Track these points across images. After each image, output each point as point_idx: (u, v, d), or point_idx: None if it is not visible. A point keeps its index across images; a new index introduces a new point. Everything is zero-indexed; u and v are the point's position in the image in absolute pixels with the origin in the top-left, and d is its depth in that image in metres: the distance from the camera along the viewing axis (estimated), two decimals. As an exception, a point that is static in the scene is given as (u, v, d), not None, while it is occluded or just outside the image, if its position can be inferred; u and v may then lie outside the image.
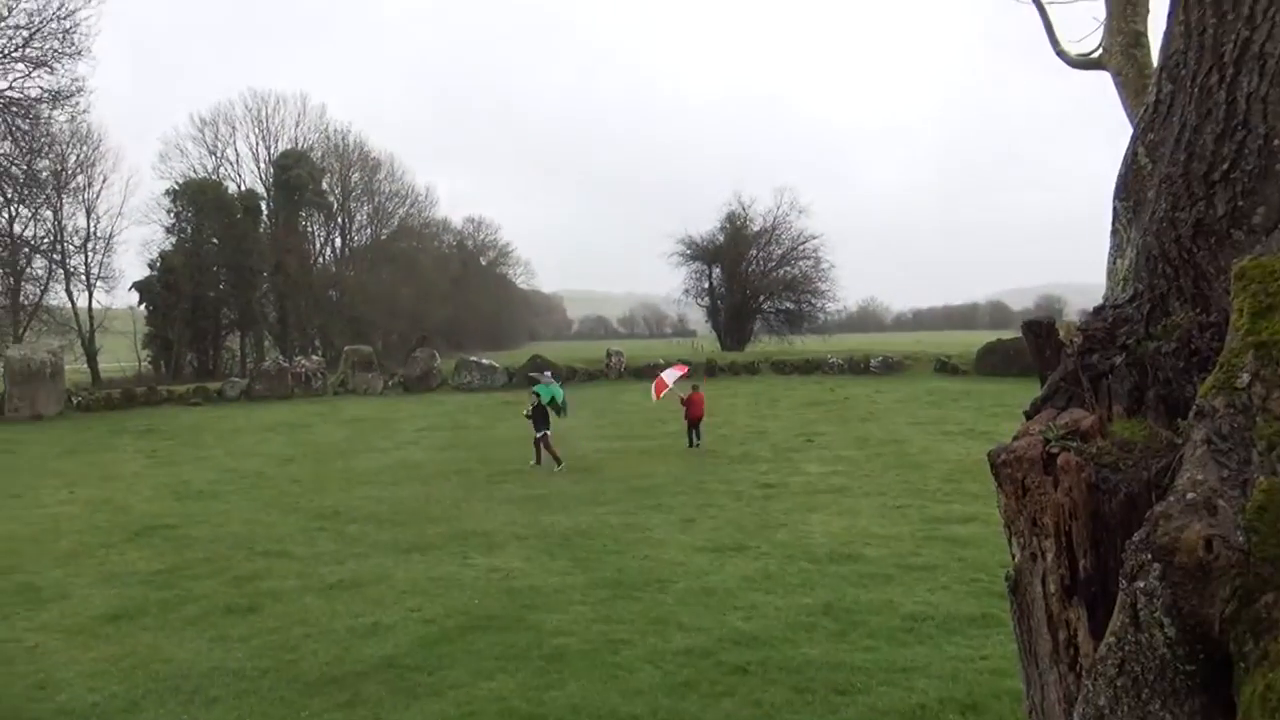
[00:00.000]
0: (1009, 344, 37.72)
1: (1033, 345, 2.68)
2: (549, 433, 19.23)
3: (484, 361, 41.86)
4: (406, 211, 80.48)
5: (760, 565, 10.79)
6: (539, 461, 19.03)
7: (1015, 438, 2.42)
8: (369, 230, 77.97)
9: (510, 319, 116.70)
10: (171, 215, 61.06)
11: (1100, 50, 4.79)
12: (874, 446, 19.92)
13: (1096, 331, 2.44)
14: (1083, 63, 4.83)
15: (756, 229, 71.81)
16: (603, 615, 9.21)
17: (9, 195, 43.35)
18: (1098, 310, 2.53)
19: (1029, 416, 2.55)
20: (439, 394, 37.86)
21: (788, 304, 71.33)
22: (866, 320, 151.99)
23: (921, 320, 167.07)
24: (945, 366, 38.57)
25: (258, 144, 67.99)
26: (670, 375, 22.36)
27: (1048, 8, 5.13)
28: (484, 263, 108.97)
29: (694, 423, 21.32)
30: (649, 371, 40.72)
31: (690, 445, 21.00)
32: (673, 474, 17.24)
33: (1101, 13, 4.77)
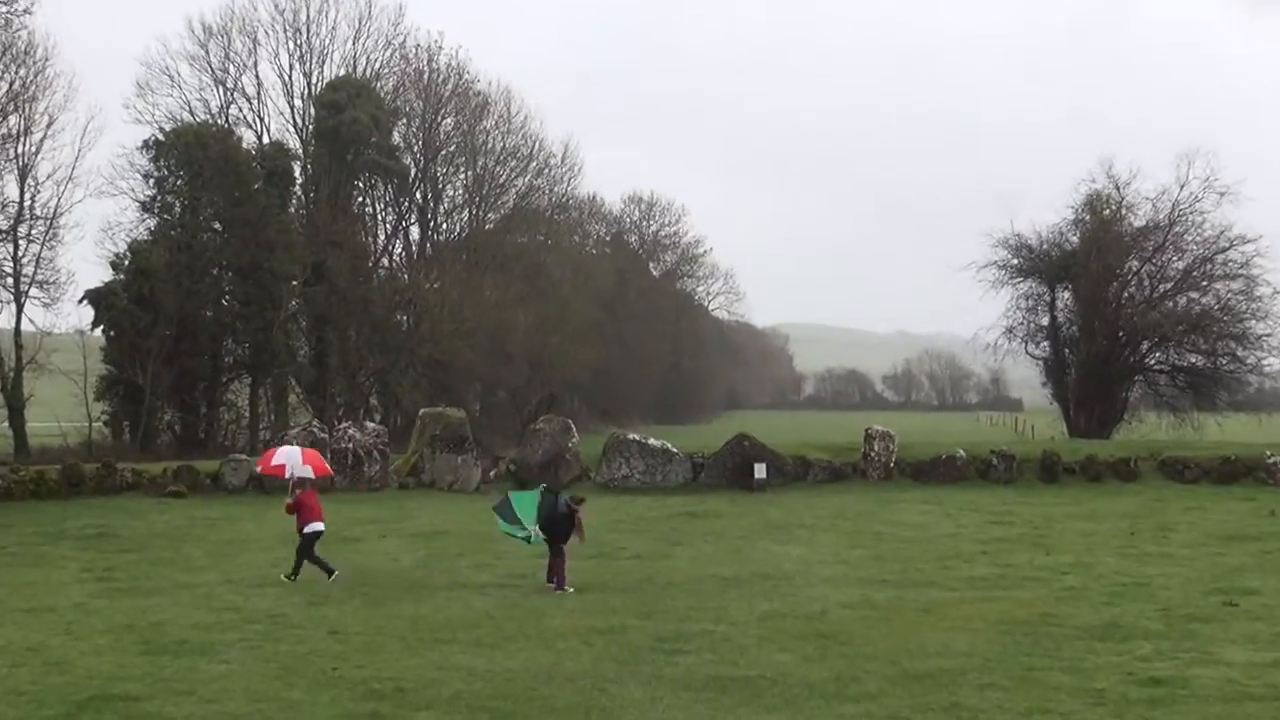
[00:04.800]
0: None
1: None
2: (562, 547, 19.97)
3: (651, 443, 37.77)
4: (530, 183, 70.67)
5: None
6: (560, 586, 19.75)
7: None
8: (466, 213, 68.56)
9: (699, 371, 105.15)
10: (151, 183, 53.70)
11: None
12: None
13: None
14: None
15: (1140, 224, 57.50)
16: None
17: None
18: None
19: None
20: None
21: (1193, 357, 57.25)
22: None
23: None
24: None
25: (291, 67, 59.32)
26: (293, 462, 21.85)
27: None
28: (656, 272, 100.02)
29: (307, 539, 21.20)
30: (934, 469, 36.89)
31: (292, 576, 20.92)
32: (978, 650, 15.15)
33: None
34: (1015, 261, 59.67)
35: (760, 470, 36.38)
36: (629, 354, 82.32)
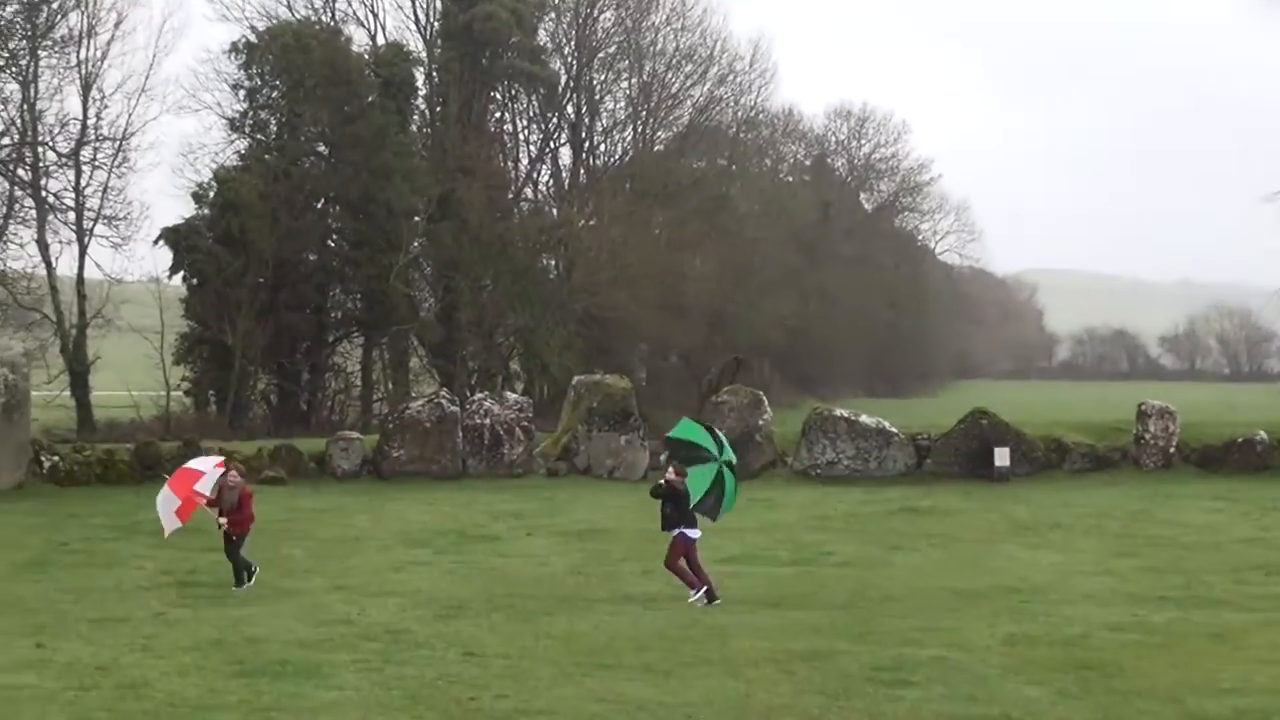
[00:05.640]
0: None
1: None
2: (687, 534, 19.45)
3: (864, 420, 36.19)
4: (709, 93, 64.62)
5: None
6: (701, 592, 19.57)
7: None
8: (630, 132, 62.82)
9: (922, 330, 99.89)
10: (241, 95, 49.75)
11: None
12: None
13: None
14: None
15: None
16: None
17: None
18: None
19: None
20: (768, 482, 34.52)
21: None
22: None
23: None
24: None
25: (413, -47, 54.12)
26: (205, 481, 20.57)
27: None
28: (868, 205, 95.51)
29: (236, 541, 20.56)
30: (1227, 456, 34.01)
31: (242, 584, 20.38)
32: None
33: None
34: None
35: (1003, 456, 34.83)
36: (834, 309, 78.64)
